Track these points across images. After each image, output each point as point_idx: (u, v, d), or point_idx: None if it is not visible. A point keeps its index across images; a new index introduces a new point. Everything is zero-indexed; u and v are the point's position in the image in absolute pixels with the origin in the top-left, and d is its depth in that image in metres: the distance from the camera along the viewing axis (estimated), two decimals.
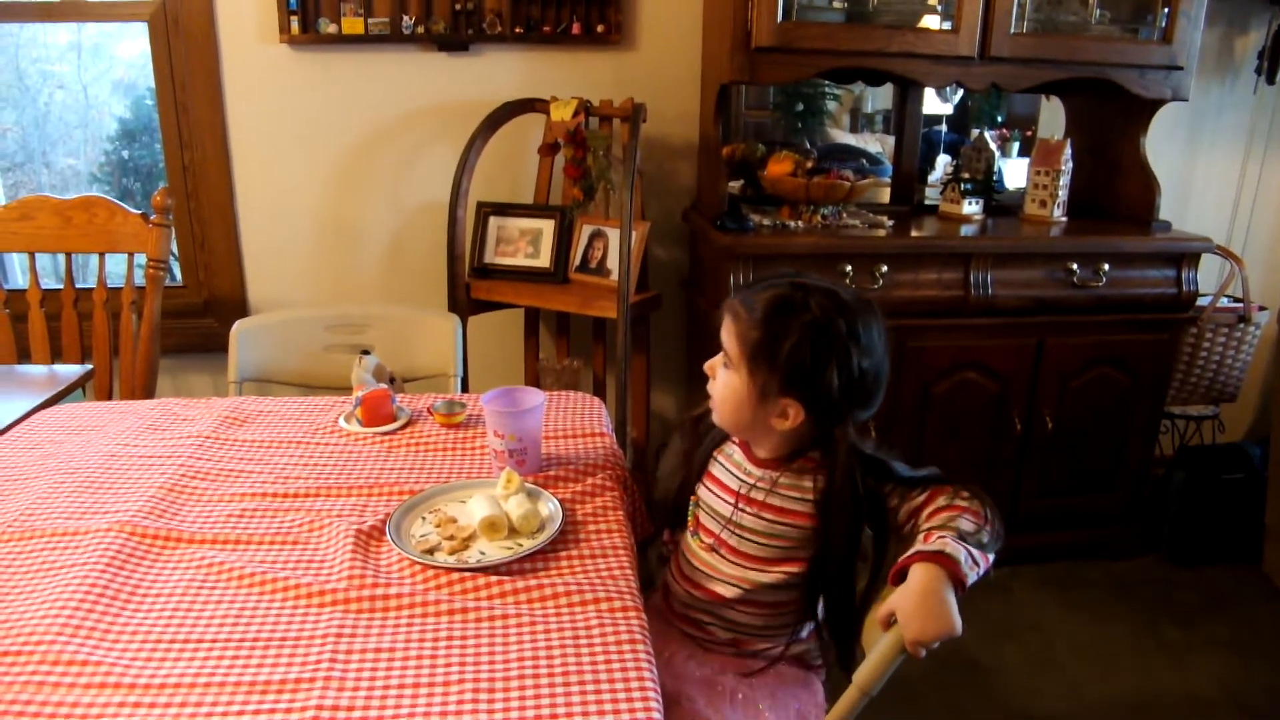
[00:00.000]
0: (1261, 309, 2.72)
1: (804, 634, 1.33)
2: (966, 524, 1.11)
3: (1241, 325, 2.67)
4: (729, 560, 1.28)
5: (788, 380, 1.18)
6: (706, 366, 1.29)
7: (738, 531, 1.27)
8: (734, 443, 1.33)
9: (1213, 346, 2.69)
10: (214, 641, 1.02)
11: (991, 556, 1.10)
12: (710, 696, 1.23)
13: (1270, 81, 2.81)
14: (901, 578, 1.09)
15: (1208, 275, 2.61)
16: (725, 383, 1.25)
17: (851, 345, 1.17)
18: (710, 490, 1.33)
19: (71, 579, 1.10)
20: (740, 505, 1.27)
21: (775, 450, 1.27)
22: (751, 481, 1.27)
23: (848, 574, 1.21)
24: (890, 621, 1.07)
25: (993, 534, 1.12)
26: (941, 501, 1.16)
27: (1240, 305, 2.68)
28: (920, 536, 1.12)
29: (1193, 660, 2.26)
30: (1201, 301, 2.58)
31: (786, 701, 1.27)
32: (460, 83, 2.59)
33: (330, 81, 2.56)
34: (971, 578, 1.06)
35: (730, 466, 1.32)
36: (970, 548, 1.08)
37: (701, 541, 1.32)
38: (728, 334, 1.24)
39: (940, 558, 1.06)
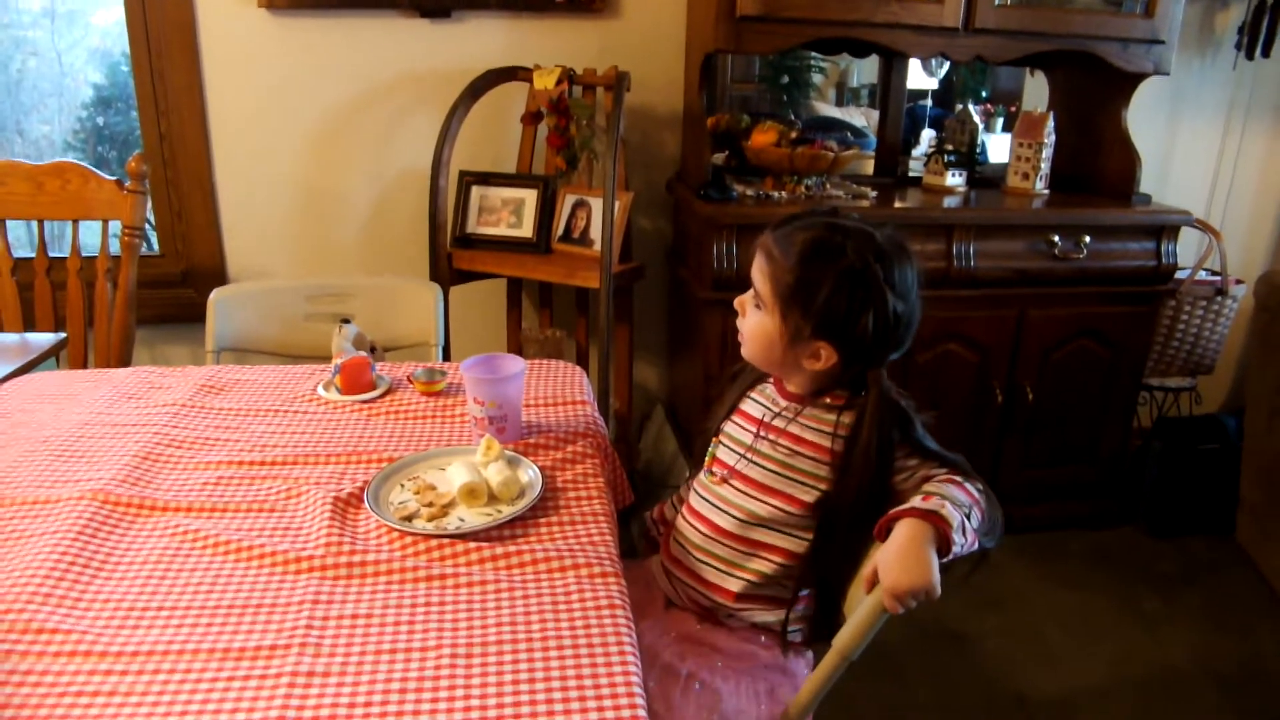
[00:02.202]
0: (1238, 282, 2.74)
1: (781, 592, 1.30)
2: (964, 499, 1.11)
3: (1219, 298, 2.69)
4: (737, 489, 1.27)
5: (821, 326, 1.17)
6: (736, 302, 1.28)
7: (755, 459, 1.26)
8: (768, 380, 1.33)
9: (1190, 319, 2.70)
10: (188, 609, 1.01)
11: (979, 544, 1.10)
12: (665, 685, 1.21)
13: (1250, 57, 2.81)
14: (887, 534, 1.09)
15: (1186, 248, 2.62)
16: (756, 322, 1.24)
17: (887, 291, 1.15)
18: (736, 424, 1.33)
19: (43, 547, 1.09)
20: (761, 432, 1.27)
21: (806, 386, 1.26)
22: (777, 410, 1.27)
23: (853, 522, 1.19)
24: (874, 583, 1.07)
25: (985, 524, 1.12)
26: (950, 476, 1.15)
27: (1218, 278, 2.69)
28: (919, 497, 1.11)
29: (1169, 630, 2.29)
30: (1180, 274, 2.59)
31: (754, 683, 1.24)
32: (442, 50, 2.56)
33: (310, 47, 2.52)
34: (958, 545, 1.06)
35: (760, 399, 1.32)
36: (964, 518, 1.08)
37: (714, 476, 1.31)
38: (760, 274, 1.22)
39: (933, 517, 1.06)
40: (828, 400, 1.24)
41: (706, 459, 1.35)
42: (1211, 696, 2.08)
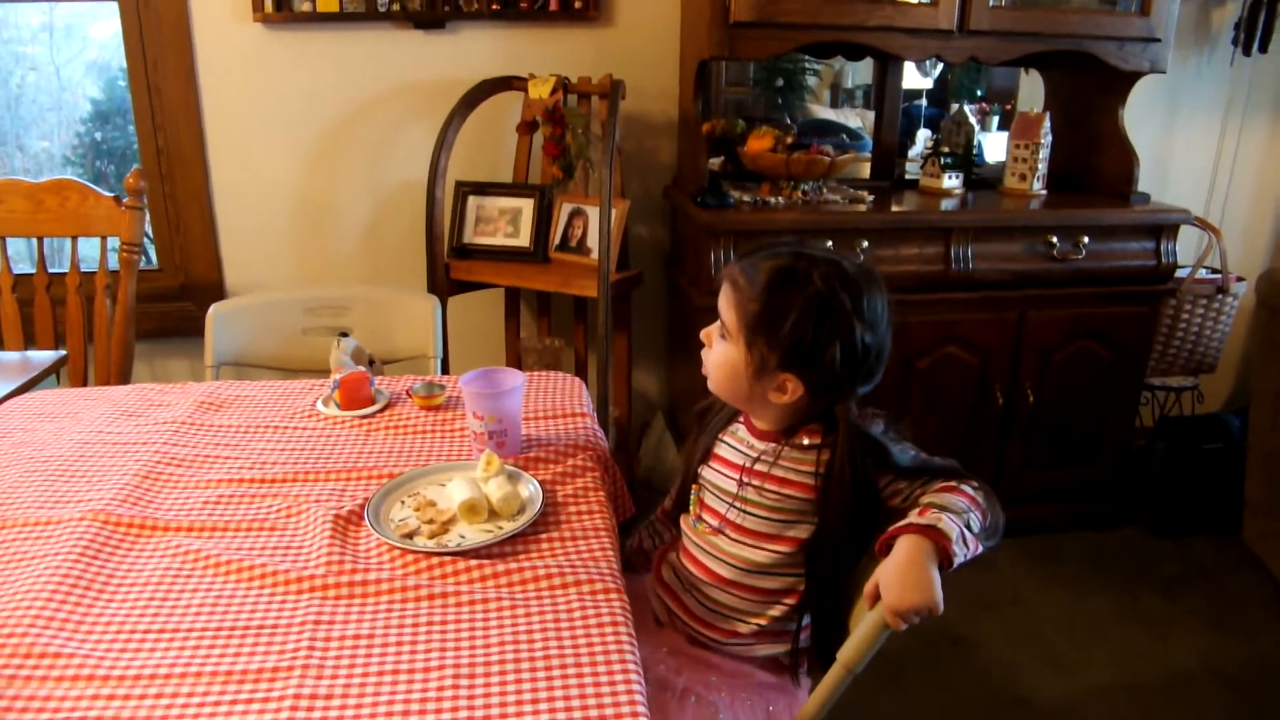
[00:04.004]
0: (1239, 279, 2.73)
1: (788, 626, 1.29)
2: (963, 504, 1.10)
3: (1220, 296, 2.68)
4: (733, 539, 1.25)
5: (787, 356, 1.15)
6: (703, 334, 1.26)
7: (744, 507, 1.24)
8: (739, 421, 1.31)
9: (1191, 318, 2.70)
10: (190, 631, 1.01)
11: (982, 546, 1.10)
12: (660, 699, 1.19)
13: (1247, 53, 2.81)
14: (888, 550, 1.08)
15: (1186, 247, 2.62)
16: (722, 353, 1.22)
17: (855, 321, 1.13)
18: (715, 470, 1.30)
19: (44, 570, 1.09)
20: (745, 479, 1.24)
21: (775, 423, 1.24)
22: (755, 455, 1.24)
23: (841, 558, 1.19)
24: (877, 597, 1.07)
25: (988, 526, 1.11)
26: (946, 484, 1.14)
27: (1218, 276, 2.69)
28: (915, 511, 1.11)
29: (1173, 631, 2.28)
30: (1180, 273, 2.59)
31: (752, 702, 1.24)
32: (437, 61, 2.56)
33: (305, 60, 2.53)
34: (960, 556, 1.05)
35: (735, 443, 1.29)
36: (963, 527, 1.07)
37: (707, 525, 1.29)
38: (726, 303, 1.20)
39: (931, 531, 1.05)
40: (805, 441, 1.22)
41: (692, 507, 1.33)
42: (1218, 698, 2.07)
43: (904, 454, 1.19)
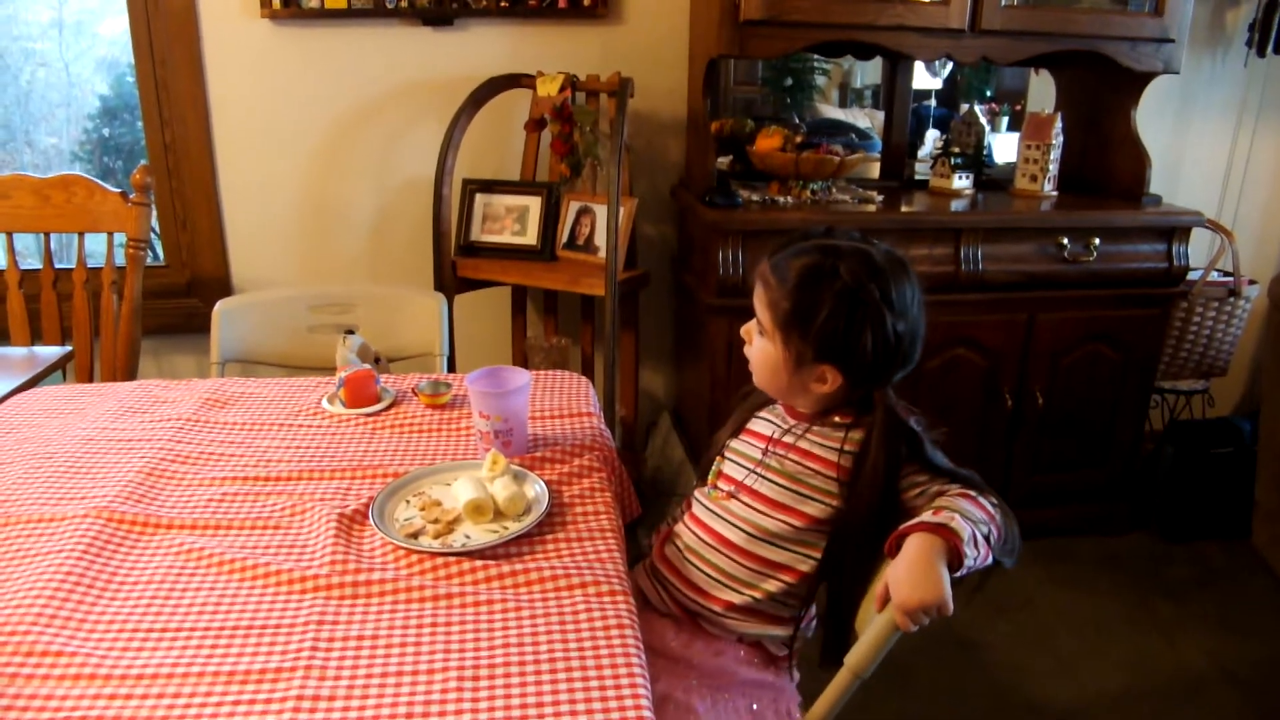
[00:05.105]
0: (1251, 283, 2.71)
1: (782, 611, 1.29)
2: (979, 515, 1.10)
3: (1232, 299, 2.66)
4: (745, 503, 1.26)
5: (822, 348, 1.18)
6: (743, 331, 1.29)
7: (763, 473, 1.26)
8: (778, 403, 1.33)
9: (1203, 321, 2.68)
10: (193, 630, 1.00)
11: (993, 558, 1.09)
12: None
13: (1261, 54, 2.78)
14: (898, 550, 1.08)
15: (1198, 249, 2.60)
16: (760, 349, 1.25)
17: (885, 310, 1.15)
18: (744, 440, 1.33)
19: (47, 567, 1.08)
20: (771, 448, 1.27)
21: (815, 408, 1.26)
22: (786, 427, 1.27)
23: (861, 542, 1.19)
24: (886, 601, 1.06)
25: (1004, 543, 1.11)
26: (964, 491, 1.14)
27: (1230, 279, 2.67)
28: (930, 511, 1.11)
29: (1183, 635, 2.27)
30: (1192, 276, 2.57)
31: (735, 702, 1.23)
32: (445, 58, 2.55)
33: (313, 57, 2.52)
34: (970, 558, 1.04)
35: (770, 417, 1.32)
36: (975, 531, 1.06)
37: (721, 491, 1.31)
38: (759, 302, 1.24)
39: (943, 530, 1.05)
40: (836, 418, 1.24)
41: (711, 475, 1.34)
42: (1228, 701, 2.06)
43: (935, 453, 1.20)
